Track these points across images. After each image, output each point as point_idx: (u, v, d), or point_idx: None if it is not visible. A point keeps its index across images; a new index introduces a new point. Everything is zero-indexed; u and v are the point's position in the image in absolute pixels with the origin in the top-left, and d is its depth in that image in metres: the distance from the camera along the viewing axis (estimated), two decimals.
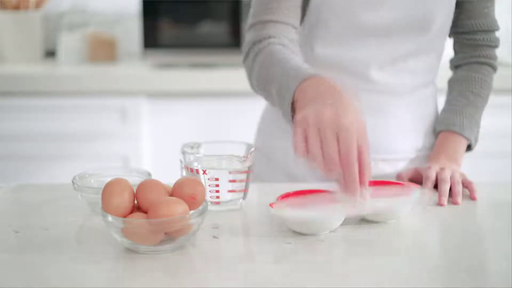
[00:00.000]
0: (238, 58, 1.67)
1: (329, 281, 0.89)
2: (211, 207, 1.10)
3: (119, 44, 2.71)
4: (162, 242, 0.96)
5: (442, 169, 1.23)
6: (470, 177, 1.24)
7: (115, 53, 2.65)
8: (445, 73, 1.44)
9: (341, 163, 0.95)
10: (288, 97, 1.08)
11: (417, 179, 1.25)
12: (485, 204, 1.20)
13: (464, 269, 0.93)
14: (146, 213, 0.97)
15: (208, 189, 1.10)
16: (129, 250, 0.97)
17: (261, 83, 1.21)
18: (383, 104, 1.31)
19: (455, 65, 1.41)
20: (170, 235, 0.96)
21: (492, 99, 1.41)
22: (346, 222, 1.05)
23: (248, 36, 1.28)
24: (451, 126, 1.33)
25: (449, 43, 1.42)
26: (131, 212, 0.98)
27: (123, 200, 0.97)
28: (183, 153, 1.14)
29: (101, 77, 2.44)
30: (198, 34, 2.61)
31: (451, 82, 1.40)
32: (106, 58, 2.63)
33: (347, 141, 0.95)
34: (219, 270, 0.93)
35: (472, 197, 1.19)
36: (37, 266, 0.93)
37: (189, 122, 2.48)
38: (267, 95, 1.20)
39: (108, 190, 0.98)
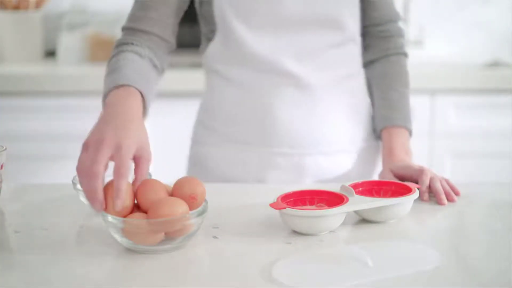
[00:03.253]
0: None
1: (329, 281, 0.89)
2: None
3: None
4: (162, 242, 0.96)
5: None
6: (471, 177, 1.24)
7: None
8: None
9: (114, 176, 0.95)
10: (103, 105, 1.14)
11: (404, 177, 1.24)
12: (485, 204, 1.20)
13: (464, 269, 0.93)
14: (146, 213, 0.97)
15: None
16: (129, 250, 0.97)
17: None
18: (312, 98, 1.34)
19: (370, 59, 1.43)
20: (170, 235, 0.96)
21: (492, 99, 1.42)
22: (346, 222, 1.06)
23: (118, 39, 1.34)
24: (394, 121, 1.35)
25: None
26: (131, 212, 0.98)
27: (123, 200, 0.97)
28: None
29: (101, 77, 2.43)
30: (198, 34, 2.60)
31: (375, 77, 1.42)
32: (106, 58, 2.60)
33: (118, 158, 0.96)
34: (219, 270, 0.93)
35: (442, 203, 1.16)
36: (37, 266, 0.93)
37: (189, 122, 2.48)
38: None
39: (108, 190, 0.98)
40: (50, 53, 2.72)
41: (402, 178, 1.23)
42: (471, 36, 2.76)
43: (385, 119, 1.37)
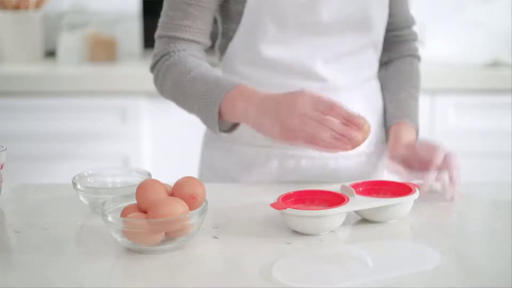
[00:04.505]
0: None
1: (329, 281, 0.89)
2: None
3: (119, 44, 2.70)
4: (162, 242, 0.96)
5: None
6: (471, 177, 1.24)
7: (115, 53, 2.65)
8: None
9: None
10: (215, 111, 1.21)
11: (409, 158, 1.24)
12: (485, 204, 1.20)
13: (464, 269, 0.93)
14: (146, 213, 0.97)
15: None
16: (129, 250, 0.97)
17: (179, 99, 1.30)
18: (338, 100, 1.32)
19: (384, 61, 1.45)
20: (170, 235, 0.97)
21: (492, 99, 1.42)
22: (346, 222, 1.06)
23: (156, 47, 1.32)
24: (402, 118, 1.36)
25: None
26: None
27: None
28: None
29: (101, 77, 2.44)
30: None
31: (387, 77, 1.43)
32: (106, 58, 2.63)
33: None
34: (219, 270, 0.93)
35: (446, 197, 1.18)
36: (37, 266, 0.93)
37: (189, 122, 2.48)
38: (186, 110, 1.31)
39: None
40: (50, 53, 2.72)
41: (413, 155, 1.23)
42: (471, 36, 2.76)
43: (392, 117, 1.37)
